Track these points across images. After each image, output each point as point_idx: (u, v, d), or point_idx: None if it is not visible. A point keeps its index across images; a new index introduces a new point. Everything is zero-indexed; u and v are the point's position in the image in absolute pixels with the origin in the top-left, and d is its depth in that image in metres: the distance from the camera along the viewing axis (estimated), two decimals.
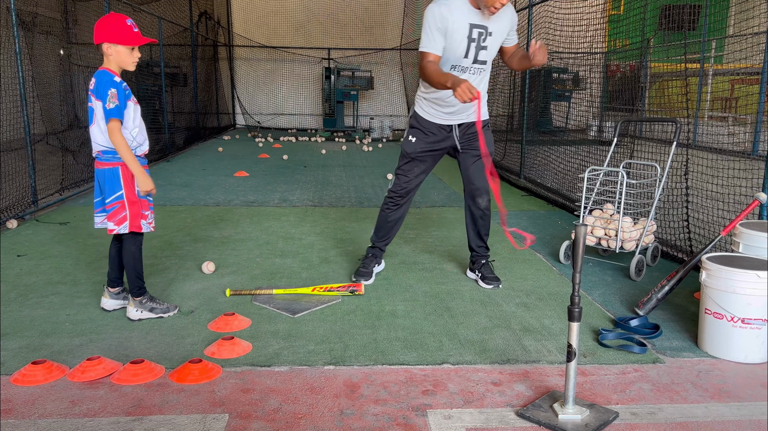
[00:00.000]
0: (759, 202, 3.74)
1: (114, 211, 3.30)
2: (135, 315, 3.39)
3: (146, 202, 3.39)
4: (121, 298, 3.55)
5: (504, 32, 3.69)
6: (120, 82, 3.22)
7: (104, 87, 3.16)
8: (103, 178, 3.30)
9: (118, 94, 3.17)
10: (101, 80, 3.19)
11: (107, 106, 3.14)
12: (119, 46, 3.20)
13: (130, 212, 3.31)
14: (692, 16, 6.37)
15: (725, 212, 4.72)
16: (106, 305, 3.53)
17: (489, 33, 3.60)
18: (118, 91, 3.17)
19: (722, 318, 2.97)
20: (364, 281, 4.02)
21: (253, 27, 17.42)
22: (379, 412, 2.49)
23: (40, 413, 2.46)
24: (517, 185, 8.07)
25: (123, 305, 3.54)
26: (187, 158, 10.72)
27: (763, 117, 8.51)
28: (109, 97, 3.13)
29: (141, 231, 3.37)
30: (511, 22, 3.70)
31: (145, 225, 3.38)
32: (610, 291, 3.98)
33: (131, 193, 3.31)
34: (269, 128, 17.53)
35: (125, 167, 3.26)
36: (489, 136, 3.92)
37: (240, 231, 5.45)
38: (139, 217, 3.34)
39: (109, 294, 3.53)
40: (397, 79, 18.09)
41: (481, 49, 3.62)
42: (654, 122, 6.95)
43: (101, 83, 3.18)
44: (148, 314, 3.40)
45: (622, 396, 2.64)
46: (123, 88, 3.23)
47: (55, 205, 6.45)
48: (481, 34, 3.58)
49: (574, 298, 2.37)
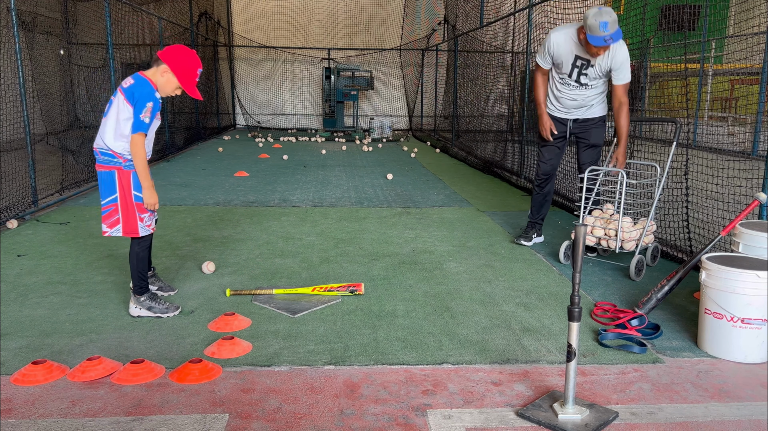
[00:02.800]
0: (759, 202, 3.74)
1: (107, 213, 3.35)
2: (134, 312, 3.44)
3: (142, 204, 3.38)
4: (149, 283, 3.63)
5: (605, 67, 4.41)
6: (159, 98, 3.28)
7: (144, 97, 3.20)
8: (101, 179, 3.34)
9: (152, 109, 3.24)
10: (143, 89, 3.22)
11: (140, 117, 3.19)
12: (174, 78, 3.29)
13: (123, 216, 3.33)
14: (692, 16, 6.37)
15: (725, 212, 4.72)
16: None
17: (591, 65, 4.43)
18: (153, 106, 3.24)
19: (722, 318, 2.97)
20: (525, 242, 5.03)
21: (253, 27, 17.43)
22: (379, 412, 2.49)
23: (40, 413, 2.46)
24: (517, 185, 8.07)
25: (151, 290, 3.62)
26: (187, 158, 10.72)
27: (763, 117, 8.51)
28: (145, 109, 3.20)
29: (138, 235, 3.38)
30: (613, 61, 4.36)
31: (142, 229, 3.39)
32: (610, 291, 3.98)
33: (126, 197, 3.32)
34: (269, 128, 17.54)
35: (121, 171, 3.29)
36: (599, 131, 4.75)
37: (240, 231, 5.45)
38: (133, 222, 3.35)
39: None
40: (397, 79, 18.09)
41: (582, 74, 4.50)
42: (654, 122, 6.95)
43: (143, 92, 3.20)
44: (146, 312, 3.42)
45: (622, 396, 2.65)
46: (158, 104, 3.29)
47: (55, 205, 6.45)
48: (583, 65, 4.45)
49: (574, 298, 2.37)
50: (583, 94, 4.59)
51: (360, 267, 4.42)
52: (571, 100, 4.64)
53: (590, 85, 4.55)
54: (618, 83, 4.41)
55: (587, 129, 4.72)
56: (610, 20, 4.03)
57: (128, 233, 3.37)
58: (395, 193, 7.55)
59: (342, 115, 16.27)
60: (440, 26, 14.67)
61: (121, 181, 3.30)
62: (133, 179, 3.32)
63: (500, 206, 6.78)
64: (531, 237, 5.08)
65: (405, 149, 12.88)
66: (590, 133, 4.71)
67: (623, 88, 4.42)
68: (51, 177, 7.23)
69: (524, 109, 8.45)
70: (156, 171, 9.03)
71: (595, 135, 4.71)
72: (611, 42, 4.11)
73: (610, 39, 4.09)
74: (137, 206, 3.35)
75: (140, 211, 3.36)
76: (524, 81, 8.38)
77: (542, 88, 4.71)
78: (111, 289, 3.89)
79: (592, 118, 4.69)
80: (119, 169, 3.28)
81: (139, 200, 3.35)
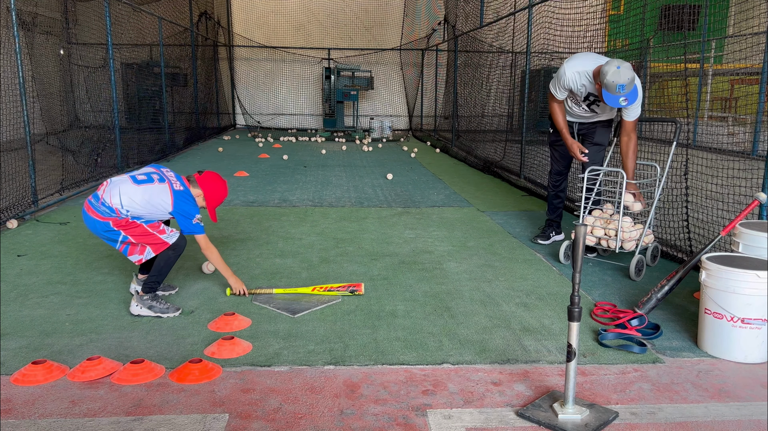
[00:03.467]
0: (759, 202, 3.74)
1: (128, 250, 3.49)
2: (134, 310, 3.47)
3: (156, 223, 3.51)
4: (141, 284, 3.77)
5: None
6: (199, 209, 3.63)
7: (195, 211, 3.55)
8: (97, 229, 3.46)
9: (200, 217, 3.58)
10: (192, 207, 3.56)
11: (194, 222, 3.52)
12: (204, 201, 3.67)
13: (148, 243, 3.47)
14: (692, 16, 6.37)
15: (725, 212, 4.72)
16: (132, 289, 3.77)
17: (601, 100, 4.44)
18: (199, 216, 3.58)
19: (722, 318, 2.97)
20: (542, 241, 5.12)
21: (253, 27, 17.43)
22: (379, 412, 2.49)
23: (40, 413, 2.46)
24: (517, 185, 8.07)
25: None
26: (187, 158, 10.72)
27: (763, 117, 8.51)
28: (196, 217, 3.54)
29: (168, 245, 3.49)
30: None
31: (169, 237, 3.51)
32: (610, 291, 3.98)
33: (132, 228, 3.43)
34: (269, 128, 17.54)
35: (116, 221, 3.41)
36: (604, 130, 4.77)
37: (240, 232, 5.45)
38: (157, 240, 3.47)
39: (136, 280, 3.75)
40: (397, 79, 18.09)
41: (593, 104, 4.60)
42: (654, 122, 6.95)
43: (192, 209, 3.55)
44: (147, 311, 3.45)
45: (622, 396, 2.65)
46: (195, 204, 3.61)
47: (55, 205, 6.45)
48: (595, 100, 4.55)
49: (574, 298, 2.37)
50: (594, 115, 4.72)
51: (360, 267, 4.42)
52: (580, 116, 4.77)
53: (599, 113, 4.68)
54: (628, 119, 4.40)
55: (593, 128, 4.77)
56: (627, 81, 4.03)
57: (159, 251, 3.50)
58: (395, 193, 7.55)
59: (342, 115, 16.27)
60: (440, 26, 14.67)
61: (119, 225, 3.42)
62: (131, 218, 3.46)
63: (500, 206, 6.78)
64: (549, 235, 5.16)
65: (405, 149, 12.88)
66: (595, 131, 4.75)
67: (633, 123, 4.41)
68: (51, 177, 7.23)
69: (524, 109, 8.44)
70: None
71: (600, 134, 4.75)
72: (626, 104, 4.18)
73: (626, 100, 4.15)
74: (151, 227, 3.47)
75: (155, 229, 3.48)
76: (524, 81, 8.38)
77: (560, 114, 4.74)
78: (111, 289, 3.89)
79: (599, 120, 4.76)
80: (114, 219, 3.41)
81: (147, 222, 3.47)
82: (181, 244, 3.55)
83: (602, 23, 7.08)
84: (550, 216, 5.21)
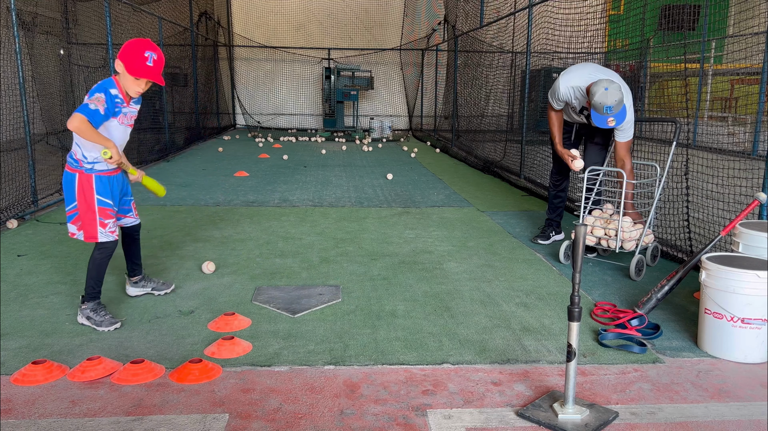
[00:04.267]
0: (759, 202, 3.74)
1: (73, 218, 3.33)
2: (79, 319, 3.33)
3: (107, 210, 3.31)
4: (140, 287, 3.73)
5: None
6: (114, 96, 3.18)
7: (96, 89, 3.15)
8: (64, 182, 3.30)
9: (106, 102, 3.13)
10: (99, 84, 3.19)
11: (87, 102, 3.09)
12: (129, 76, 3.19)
13: (83, 221, 3.28)
14: (692, 16, 6.37)
15: (725, 212, 4.72)
16: (129, 292, 3.74)
17: None
18: (107, 100, 3.13)
19: (722, 318, 2.97)
20: (542, 241, 5.15)
21: (253, 27, 17.42)
22: (379, 412, 2.49)
23: (40, 413, 2.46)
24: (517, 185, 8.07)
25: (145, 292, 3.74)
26: (187, 158, 10.72)
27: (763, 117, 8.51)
28: (94, 98, 3.10)
29: (97, 241, 3.30)
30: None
31: (103, 235, 3.30)
32: (610, 291, 3.98)
33: (86, 200, 3.26)
34: (269, 128, 17.53)
35: (82, 175, 3.23)
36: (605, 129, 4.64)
37: (240, 232, 5.45)
38: (93, 227, 3.27)
39: (129, 283, 3.74)
40: (397, 79, 18.09)
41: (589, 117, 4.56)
42: (654, 122, 6.95)
43: (98, 85, 3.17)
44: (85, 322, 3.29)
45: (622, 396, 2.65)
46: (114, 100, 3.17)
47: (55, 205, 6.45)
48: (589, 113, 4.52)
49: (574, 298, 2.37)
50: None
51: (360, 267, 4.42)
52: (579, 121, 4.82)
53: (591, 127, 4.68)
54: (619, 140, 4.42)
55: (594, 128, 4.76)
56: (615, 103, 4.06)
57: (88, 238, 3.30)
58: (395, 192, 7.55)
59: (342, 115, 16.27)
60: (440, 26, 14.67)
61: (82, 184, 3.24)
62: (95, 182, 3.26)
63: (500, 206, 6.78)
64: (549, 235, 5.18)
65: (405, 149, 12.87)
66: (596, 130, 4.75)
67: (625, 146, 4.42)
68: (51, 177, 7.22)
69: (524, 109, 8.44)
70: (156, 171, 9.03)
71: (600, 132, 4.75)
72: (614, 125, 4.21)
73: (613, 121, 4.18)
74: (99, 210, 3.27)
75: (102, 215, 3.28)
76: (524, 81, 8.38)
77: (556, 125, 4.79)
78: (111, 289, 3.89)
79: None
80: (80, 172, 3.24)
81: (103, 204, 3.28)
82: (109, 247, 3.33)
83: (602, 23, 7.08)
84: (550, 215, 5.23)
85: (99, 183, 3.28)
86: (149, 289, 3.76)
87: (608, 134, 4.76)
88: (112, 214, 3.35)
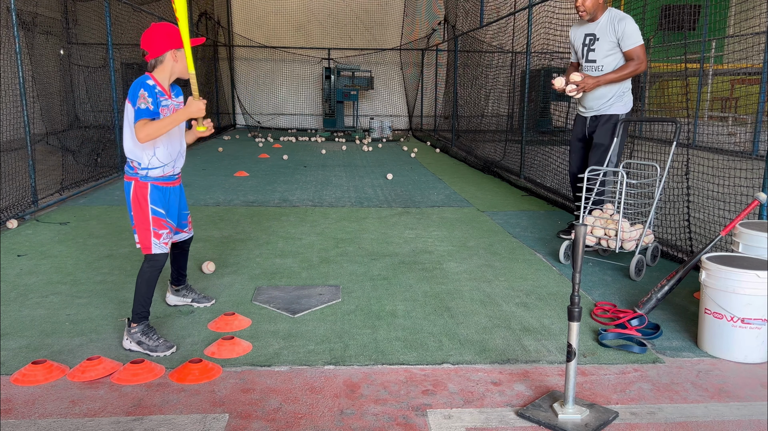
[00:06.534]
0: (759, 202, 3.74)
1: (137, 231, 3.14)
2: (125, 345, 3.06)
3: (161, 220, 3.13)
4: (181, 295, 3.63)
5: (608, 35, 4.61)
6: (153, 86, 3.02)
7: (134, 87, 2.98)
8: (125, 190, 3.14)
9: (150, 95, 2.98)
10: (135, 83, 3.02)
11: (138, 105, 2.94)
12: (161, 57, 3.05)
13: (138, 230, 3.12)
14: (692, 16, 6.37)
15: (725, 212, 4.72)
16: (169, 300, 3.65)
17: (596, 38, 4.68)
18: (149, 93, 2.98)
19: (722, 318, 2.97)
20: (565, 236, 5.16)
21: (253, 27, 17.43)
22: (379, 412, 2.49)
23: (40, 413, 2.46)
24: (517, 185, 8.07)
25: (185, 302, 3.63)
26: (187, 158, 10.66)
27: (763, 117, 8.51)
28: (138, 97, 2.95)
29: (150, 252, 3.11)
30: (617, 31, 4.55)
31: (156, 246, 3.12)
32: (610, 291, 3.98)
33: (141, 209, 3.09)
34: (269, 128, 17.54)
35: (137, 182, 3.09)
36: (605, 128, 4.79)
37: (240, 232, 5.45)
38: (147, 236, 3.10)
39: (171, 290, 3.64)
40: (397, 79, 18.09)
41: (590, 51, 4.73)
42: (654, 122, 6.95)
43: (134, 85, 3.01)
44: (136, 347, 3.03)
45: (622, 396, 2.65)
46: (154, 91, 3.02)
47: (55, 205, 6.45)
48: (591, 40, 4.72)
49: (574, 298, 2.37)
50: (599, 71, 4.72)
51: (360, 267, 4.42)
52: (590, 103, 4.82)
53: (598, 62, 4.71)
54: (629, 47, 4.51)
55: (594, 126, 4.83)
56: None
57: (144, 250, 3.12)
58: (395, 193, 7.55)
59: (342, 115, 16.27)
60: (440, 26, 14.67)
61: (136, 192, 3.09)
62: (150, 191, 3.10)
63: (500, 206, 6.78)
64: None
65: (405, 149, 12.87)
66: (596, 130, 4.79)
67: (639, 48, 4.50)
68: (51, 177, 7.23)
69: (524, 109, 8.44)
70: None
71: (600, 132, 4.77)
72: None
73: None
74: (153, 220, 3.10)
75: (156, 225, 3.11)
76: (524, 81, 8.38)
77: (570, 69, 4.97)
78: (111, 289, 3.89)
79: (606, 114, 4.77)
80: (135, 180, 3.09)
81: (156, 214, 3.11)
82: (160, 260, 3.14)
83: None
84: None
85: (154, 192, 3.11)
86: (189, 300, 3.63)
87: (608, 133, 4.75)
88: (166, 224, 3.16)
